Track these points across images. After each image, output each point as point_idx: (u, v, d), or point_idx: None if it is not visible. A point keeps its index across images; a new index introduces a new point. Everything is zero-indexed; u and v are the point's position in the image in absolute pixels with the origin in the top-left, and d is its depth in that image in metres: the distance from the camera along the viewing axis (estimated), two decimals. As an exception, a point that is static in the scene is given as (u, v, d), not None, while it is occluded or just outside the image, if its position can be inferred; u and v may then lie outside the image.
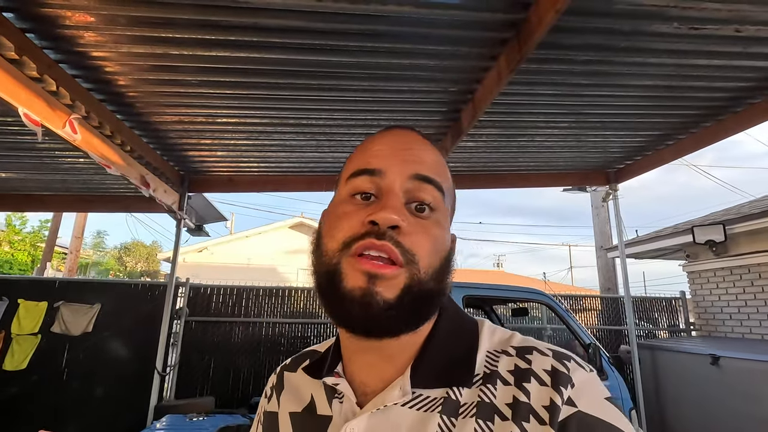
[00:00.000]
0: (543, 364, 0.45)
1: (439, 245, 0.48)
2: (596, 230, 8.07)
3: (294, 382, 0.60)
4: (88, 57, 2.30)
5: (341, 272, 0.45)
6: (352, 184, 0.50)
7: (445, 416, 0.44)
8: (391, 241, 0.44)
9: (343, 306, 0.45)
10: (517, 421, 0.42)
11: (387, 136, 0.53)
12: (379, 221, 0.45)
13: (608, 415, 0.42)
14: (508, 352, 0.48)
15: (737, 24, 2.18)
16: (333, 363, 0.55)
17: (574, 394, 0.42)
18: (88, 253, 22.76)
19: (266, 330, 5.40)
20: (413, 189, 0.48)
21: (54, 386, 4.63)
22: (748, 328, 4.75)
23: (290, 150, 3.67)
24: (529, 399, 0.43)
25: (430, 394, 0.47)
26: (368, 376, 0.51)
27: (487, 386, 0.46)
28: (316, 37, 2.20)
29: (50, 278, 5.94)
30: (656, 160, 3.98)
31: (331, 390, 0.53)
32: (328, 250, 0.47)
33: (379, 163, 0.49)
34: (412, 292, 0.45)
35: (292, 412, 0.55)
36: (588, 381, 0.44)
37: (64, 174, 4.01)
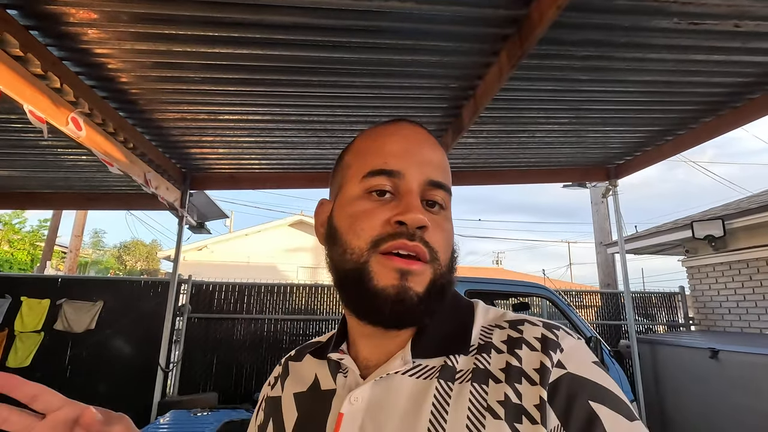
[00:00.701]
0: (534, 333, 0.48)
1: (451, 239, 0.53)
2: (596, 226, 8.10)
3: (299, 369, 0.62)
4: (91, 54, 2.32)
5: (370, 271, 0.48)
6: (370, 183, 0.51)
7: (443, 381, 0.47)
8: (421, 242, 0.48)
9: (375, 303, 0.47)
10: (510, 383, 0.44)
11: (399, 134, 0.54)
12: (408, 222, 0.48)
13: (596, 376, 0.44)
14: (502, 325, 0.51)
15: (736, 19, 2.20)
16: (338, 342, 0.57)
17: (564, 358, 0.45)
18: (88, 252, 22.75)
19: (268, 327, 5.43)
20: (427, 191, 0.51)
21: (57, 383, 4.62)
22: (746, 322, 4.79)
23: (292, 147, 3.69)
24: (520, 363, 0.46)
25: (429, 363, 0.49)
26: (372, 353, 0.53)
27: (482, 355, 0.48)
28: (319, 34, 2.22)
29: (53, 275, 5.95)
30: (656, 156, 4.00)
31: (335, 365, 0.56)
32: (354, 247, 0.49)
33: (398, 165, 0.51)
34: (436, 285, 0.49)
35: (296, 393, 0.57)
36: (576, 346, 0.47)
37: (66, 172, 4.02)
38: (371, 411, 0.48)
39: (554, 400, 0.42)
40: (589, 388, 0.43)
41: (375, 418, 0.47)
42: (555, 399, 0.42)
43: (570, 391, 0.42)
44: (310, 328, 5.59)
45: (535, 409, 0.42)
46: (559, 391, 0.42)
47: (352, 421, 0.47)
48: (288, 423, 0.54)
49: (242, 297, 5.46)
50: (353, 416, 0.48)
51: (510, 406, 0.43)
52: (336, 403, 0.51)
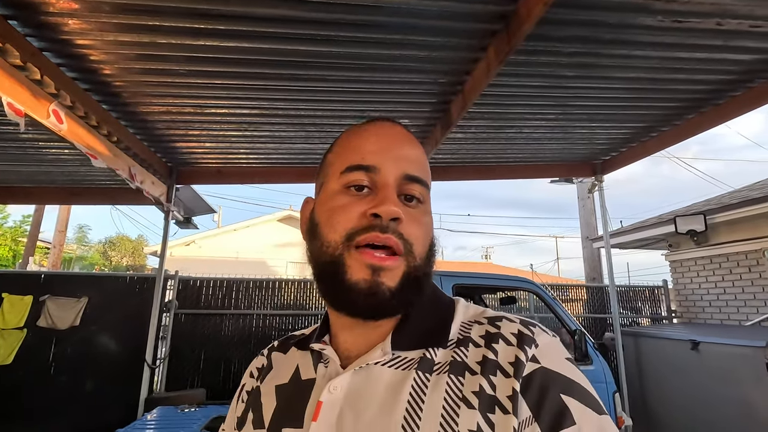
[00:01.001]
0: (511, 328, 0.50)
1: (429, 232, 0.54)
2: (582, 222, 8.21)
3: (280, 360, 0.63)
4: (72, 45, 2.26)
5: (345, 264, 0.49)
6: (347, 178, 0.53)
7: (421, 372, 0.48)
8: (394, 234, 0.49)
9: (349, 296, 0.49)
10: (485, 375, 0.46)
11: (376, 132, 0.56)
12: (382, 214, 0.49)
13: (568, 371, 0.46)
14: (480, 321, 0.53)
15: (719, 17, 2.24)
16: (321, 333, 0.58)
17: (538, 353, 0.46)
18: (72, 248, 22.33)
19: (257, 322, 5.41)
20: (403, 186, 0.52)
21: (41, 381, 4.57)
22: (726, 314, 4.92)
23: (280, 141, 3.66)
24: (497, 357, 0.47)
25: (408, 355, 0.51)
26: (354, 344, 0.54)
27: (460, 348, 0.50)
28: (307, 27, 2.20)
29: (35, 272, 5.84)
30: (640, 152, 4.07)
31: (317, 355, 0.57)
32: (330, 241, 0.51)
33: (374, 160, 0.52)
34: (410, 278, 0.50)
35: (278, 385, 0.58)
36: (550, 343, 0.48)
37: (48, 166, 3.93)
38: (350, 399, 0.49)
39: (527, 392, 0.44)
40: (561, 382, 0.44)
41: (353, 406, 0.48)
42: (528, 391, 0.44)
43: (543, 384, 0.44)
44: (299, 323, 5.58)
45: (508, 400, 0.43)
46: (533, 384, 0.44)
47: (331, 409, 0.48)
48: (266, 413, 0.55)
49: (230, 292, 5.42)
50: (332, 404, 0.49)
51: (484, 397, 0.44)
52: (315, 392, 0.52)
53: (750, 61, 2.70)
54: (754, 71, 2.81)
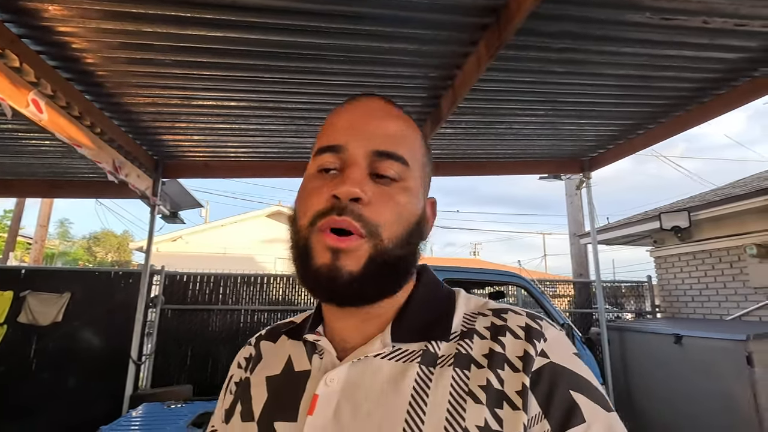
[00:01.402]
0: (518, 321, 0.49)
1: (405, 212, 0.49)
2: (570, 218, 8.30)
3: (270, 350, 0.60)
4: (53, 32, 2.19)
5: (311, 248, 0.47)
6: (318, 161, 0.51)
7: (424, 366, 0.46)
8: (351, 215, 0.46)
9: (313, 281, 0.47)
10: (493, 369, 0.45)
11: (349, 109, 0.54)
12: (340, 195, 0.46)
13: (576, 367, 0.45)
14: (485, 313, 0.51)
15: (705, 15, 2.26)
16: (314, 324, 0.56)
17: (547, 348, 0.46)
18: (54, 243, 21.86)
19: (245, 318, 5.36)
20: (375, 163, 0.49)
21: (22, 378, 4.47)
22: (708, 309, 5.03)
23: (269, 135, 3.61)
24: (504, 350, 0.46)
25: (409, 347, 0.49)
26: (349, 334, 0.52)
27: (465, 341, 0.48)
28: (297, 18, 2.16)
29: (16, 266, 5.69)
30: (627, 149, 4.11)
31: (311, 346, 0.54)
32: (300, 226, 0.49)
33: (340, 139, 0.50)
34: (377, 262, 0.46)
35: (269, 376, 0.55)
36: (558, 337, 0.48)
37: (29, 157, 3.83)
38: (347, 392, 0.47)
39: (536, 387, 0.43)
40: (570, 378, 0.44)
41: (351, 399, 0.46)
42: (537, 387, 0.43)
43: (552, 379, 0.43)
44: (287, 318, 5.54)
45: (517, 396, 0.42)
46: (542, 379, 0.43)
47: (327, 403, 0.46)
48: (256, 405, 0.52)
49: (217, 288, 5.36)
50: (328, 397, 0.47)
51: (492, 392, 0.43)
52: (311, 385, 0.50)
53: (734, 60, 2.74)
54: (738, 70, 2.86)
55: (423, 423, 0.42)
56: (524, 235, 49.87)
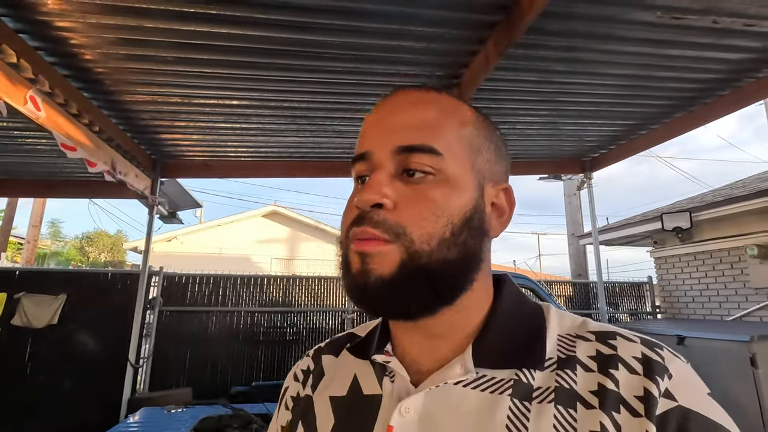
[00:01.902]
0: (632, 351, 0.41)
1: (442, 208, 0.43)
2: (568, 218, 8.31)
3: (334, 366, 0.55)
4: (51, 27, 2.13)
5: (348, 260, 0.45)
6: (354, 172, 0.49)
7: (517, 399, 0.40)
8: (369, 224, 0.42)
9: (351, 290, 0.45)
10: (606, 410, 0.38)
11: (375, 110, 0.50)
12: (359, 205, 0.44)
13: (713, 412, 0.38)
14: (586, 337, 0.44)
15: (715, 15, 2.25)
16: (381, 342, 0.51)
17: (673, 387, 0.38)
18: (46, 244, 21.60)
19: (244, 319, 5.30)
20: (402, 161, 0.45)
21: (16, 382, 4.39)
22: (708, 309, 5.04)
23: (269, 134, 3.56)
24: (617, 387, 0.39)
25: (495, 375, 0.42)
26: (420, 354, 0.47)
27: (565, 371, 0.41)
28: (302, 14, 2.12)
29: (10, 267, 5.59)
30: (629, 150, 4.10)
31: (380, 368, 0.49)
32: (341, 241, 0.48)
33: (368, 145, 0.47)
34: (412, 267, 0.41)
35: (333, 396, 0.51)
36: (686, 373, 0.40)
37: (24, 156, 3.75)
38: (426, 425, 0.41)
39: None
40: (706, 427, 0.36)
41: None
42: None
43: (683, 429, 0.36)
44: (287, 320, 5.50)
45: None
46: (669, 427, 0.36)
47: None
48: (322, 430, 0.48)
49: (216, 289, 5.30)
50: (405, 430, 0.42)
51: None
52: (383, 414, 0.44)
53: (738, 61, 2.73)
54: (741, 71, 2.85)
55: None
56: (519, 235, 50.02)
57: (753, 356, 3.15)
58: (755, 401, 3.09)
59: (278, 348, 5.31)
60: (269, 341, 5.29)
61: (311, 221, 14.18)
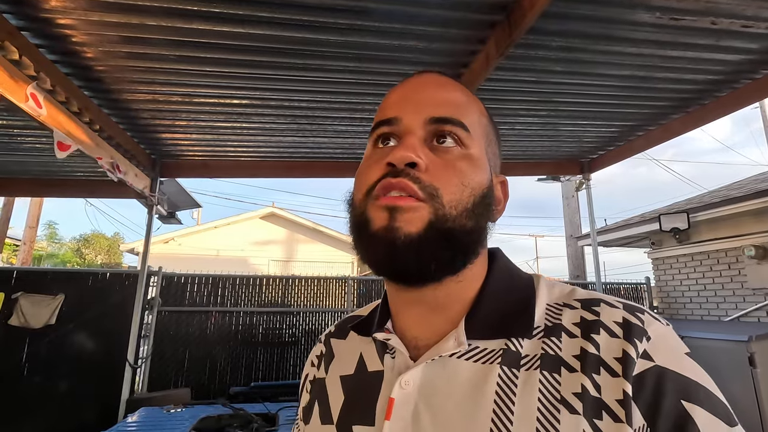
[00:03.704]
0: (613, 316, 0.42)
1: (468, 179, 0.45)
2: (566, 220, 8.34)
3: (342, 347, 0.58)
4: (53, 25, 2.13)
5: (368, 217, 0.45)
6: (373, 137, 0.50)
7: (506, 367, 0.42)
8: (407, 177, 0.43)
9: (371, 249, 0.45)
10: (587, 373, 0.39)
11: (403, 84, 0.52)
12: (394, 161, 0.44)
13: (689, 370, 0.39)
14: (572, 305, 0.46)
15: (713, 16, 2.27)
16: (382, 319, 0.53)
17: (651, 348, 0.39)
18: (42, 245, 21.47)
19: (243, 319, 5.29)
20: (432, 131, 0.47)
21: (13, 382, 4.35)
22: (706, 310, 5.06)
23: (270, 134, 3.56)
24: (598, 351, 0.40)
25: (487, 345, 0.44)
26: (420, 329, 0.49)
27: (551, 339, 0.43)
28: (304, 13, 2.13)
29: (8, 267, 5.56)
30: (627, 151, 4.13)
31: (381, 345, 0.51)
32: (356, 201, 0.48)
33: (395, 111, 0.48)
34: (438, 228, 0.43)
35: (343, 376, 0.53)
36: (665, 334, 0.41)
37: (23, 155, 3.73)
38: (424, 396, 0.44)
39: (639, 396, 0.37)
40: (681, 384, 0.38)
41: (429, 403, 0.43)
42: (640, 395, 0.37)
43: (658, 386, 0.37)
44: (285, 320, 5.49)
45: (618, 405, 0.37)
46: (646, 386, 0.38)
47: (404, 406, 0.44)
48: (334, 406, 0.51)
49: (215, 289, 5.29)
50: (405, 401, 0.44)
51: (588, 400, 0.38)
52: (385, 387, 0.47)
53: (736, 62, 2.76)
54: (739, 72, 2.88)
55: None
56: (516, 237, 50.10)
57: (751, 356, 3.17)
58: (753, 400, 3.10)
59: (277, 349, 5.30)
60: (268, 342, 5.28)
61: (309, 223, 14.16)
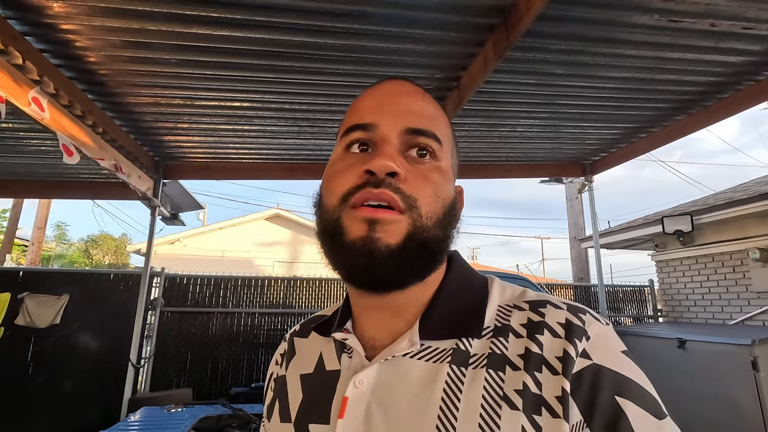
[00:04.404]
0: (557, 317, 0.44)
1: (441, 191, 0.47)
2: (570, 222, 8.30)
3: (304, 346, 0.59)
4: (56, 30, 2.17)
5: (342, 225, 0.45)
6: (346, 140, 0.49)
7: (455, 366, 0.44)
8: (389, 188, 0.44)
9: (347, 258, 0.45)
10: (530, 371, 0.41)
11: (377, 89, 0.52)
12: (375, 170, 0.44)
13: (624, 367, 0.41)
14: (521, 306, 0.48)
15: (713, 18, 2.26)
16: (342, 320, 0.54)
17: (590, 347, 0.41)
18: (51, 246, 21.71)
19: (245, 321, 5.32)
20: (407, 141, 0.48)
21: (18, 381, 4.41)
22: (710, 313, 5.01)
23: (271, 136, 3.59)
24: (541, 350, 0.42)
25: (439, 345, 0.46)
26: (377, 331, 0.50)
27: (499, 339, 0.45)
28: (303, 17, 2.15)
29: (13, 268, 5.63)
30: (629, 153, 4.11)
31: (340, 345, 0.53)
32: (328, 206, 0.47)
33: (371, 118, 0.48)
34: (416, 239, 0.44)
35: (303, 374, 0.54)
36: (604, 334, 0.43)
37: (29, 157, 3.79)
38: (377, 395, 0.45)
39: (577, 392, 0.39)
40: (615, 381, 0.40)
41: (382, 402, 0.44)
42: (578, 392, 0.39)
43: (595, 383, 0.40)
44: (288, 322, 5.51)
45: (557, 402, 0.39)
46: (583, 383, 0.40)
47: (358, 405, 0.45)
48: (293, 404, 0.52)
49: (218, 290, 5.32)
50: (358, 400, 0.45)
51: (528, 396, 0.40)
52: (340, 386, 0.48)
53: (738, 64, 2.74)
54: (741, 74, 2.86)
55: (455, 429, 0.40)
56: (522, 239, 49.87)
57: (755, 360, 3.14)
58: (757, 404, 3.07)
59: (279, 350, 5.30)
60: (270, 343, 5.30)
61: (313, 224, 14.19)
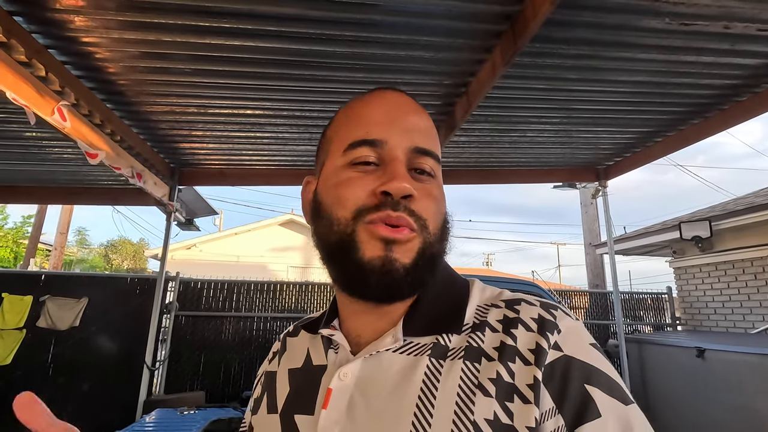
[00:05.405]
0: (531, 313, 0.47)
1: (441, 207, 0.51)
2: (585, 228, 8.17)
3: (293, 343, 0.62)
4: (77, 43, 2.26)
5: (357, 241, 0.46)
6: (352, 155, 0.50)
7: (434, 359, 0.46)
8: (406, 212, 0.46)
9: (362, 276, 0.46)
10: (503, 362, 0.44)
11: (381, 102, 0.53)
12: (393, 192, 0.46)
13: (592, 358, 0.44)
14: (498, 305, 0.50)
15: (726, 21, 2.22)
16: (330, 318, 0.57)
17: (561, 340, 0.44)
18: (72, 251, 22.34)
19: (258, 325, 5.38)
20: (413, 160, 0.50)
21: (39, 381, 4.54)
22: (731, 322, 4.86)
23: (283, 143, 3.65)
24: (515, 343, 0.45)
25: (420, 341, 0.48)
26: (363, 329, 0.52)
27: (476, 333, 0.47)
28: (312, 26, 2.19)
29: (36, 272, 5.83)
30: (644, 157, 4.04)
31: (327, 341, 0.55)
32: (340, 218, 0.48)
33: (380, 133, 0.49)
34: (425, 255, 0.47)
35: (291, 369, 0.57)
36: (574, 327, 0.46)
37: (51, 165, 3.93)
38: (360, 387, 0.47)
39: (549, 381, 0.42)
40: (584, 370, 0.42)
41: (364, 393, 0.46)
42: (550, 381, 0.42)
43: (565, 373, 0.42)
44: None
45: (528, 389, 0.41)
46: (555, 373, 0.42)
47: (341, 396, 0.47)
48: (280, 398, 0.54)
49: (231, 295, 5.40)
50: (342, 391, 0.47)
51: (502, 385, 0.42)
52: (326, 379, 0.50)
53: (756, 66, 2.68)
54: (759, 76, 2.80)
55: (432, 416, 0.42)
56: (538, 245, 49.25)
57: (776, 370, 3.04)
58: (779, 417, 2.97)
59: (291, 354, 5.34)
60: (282, 347, 5.33)
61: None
